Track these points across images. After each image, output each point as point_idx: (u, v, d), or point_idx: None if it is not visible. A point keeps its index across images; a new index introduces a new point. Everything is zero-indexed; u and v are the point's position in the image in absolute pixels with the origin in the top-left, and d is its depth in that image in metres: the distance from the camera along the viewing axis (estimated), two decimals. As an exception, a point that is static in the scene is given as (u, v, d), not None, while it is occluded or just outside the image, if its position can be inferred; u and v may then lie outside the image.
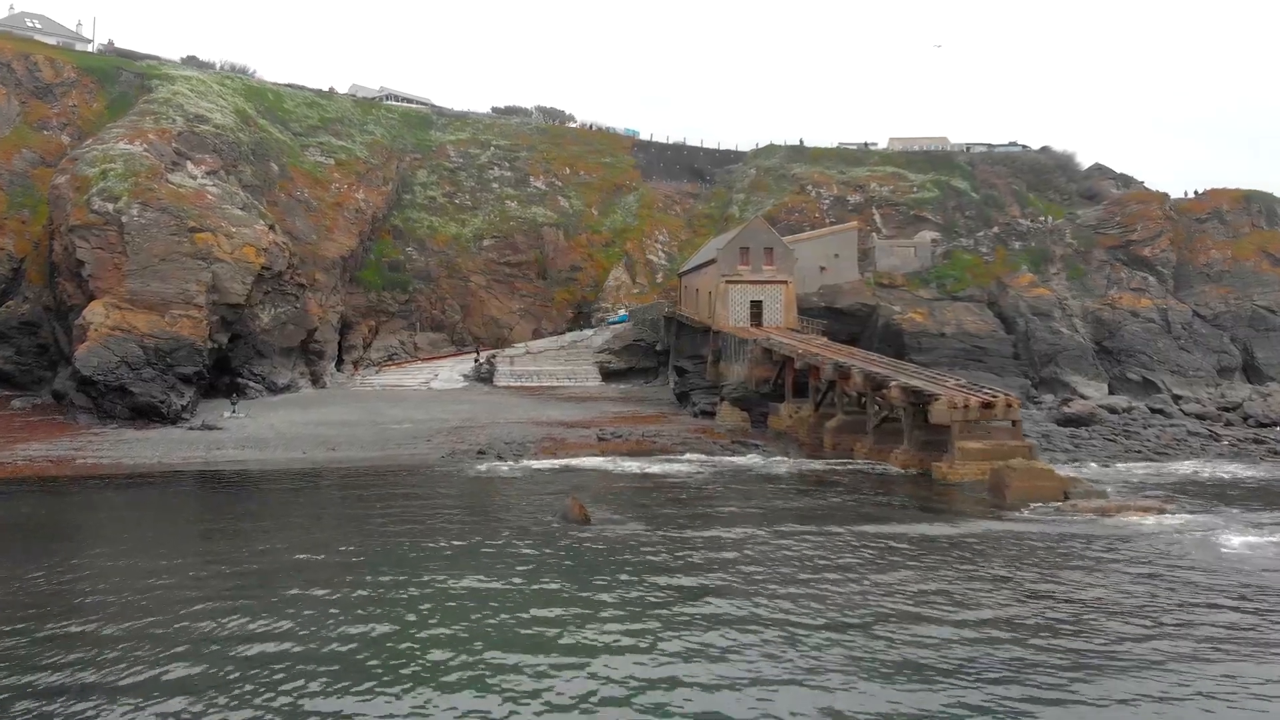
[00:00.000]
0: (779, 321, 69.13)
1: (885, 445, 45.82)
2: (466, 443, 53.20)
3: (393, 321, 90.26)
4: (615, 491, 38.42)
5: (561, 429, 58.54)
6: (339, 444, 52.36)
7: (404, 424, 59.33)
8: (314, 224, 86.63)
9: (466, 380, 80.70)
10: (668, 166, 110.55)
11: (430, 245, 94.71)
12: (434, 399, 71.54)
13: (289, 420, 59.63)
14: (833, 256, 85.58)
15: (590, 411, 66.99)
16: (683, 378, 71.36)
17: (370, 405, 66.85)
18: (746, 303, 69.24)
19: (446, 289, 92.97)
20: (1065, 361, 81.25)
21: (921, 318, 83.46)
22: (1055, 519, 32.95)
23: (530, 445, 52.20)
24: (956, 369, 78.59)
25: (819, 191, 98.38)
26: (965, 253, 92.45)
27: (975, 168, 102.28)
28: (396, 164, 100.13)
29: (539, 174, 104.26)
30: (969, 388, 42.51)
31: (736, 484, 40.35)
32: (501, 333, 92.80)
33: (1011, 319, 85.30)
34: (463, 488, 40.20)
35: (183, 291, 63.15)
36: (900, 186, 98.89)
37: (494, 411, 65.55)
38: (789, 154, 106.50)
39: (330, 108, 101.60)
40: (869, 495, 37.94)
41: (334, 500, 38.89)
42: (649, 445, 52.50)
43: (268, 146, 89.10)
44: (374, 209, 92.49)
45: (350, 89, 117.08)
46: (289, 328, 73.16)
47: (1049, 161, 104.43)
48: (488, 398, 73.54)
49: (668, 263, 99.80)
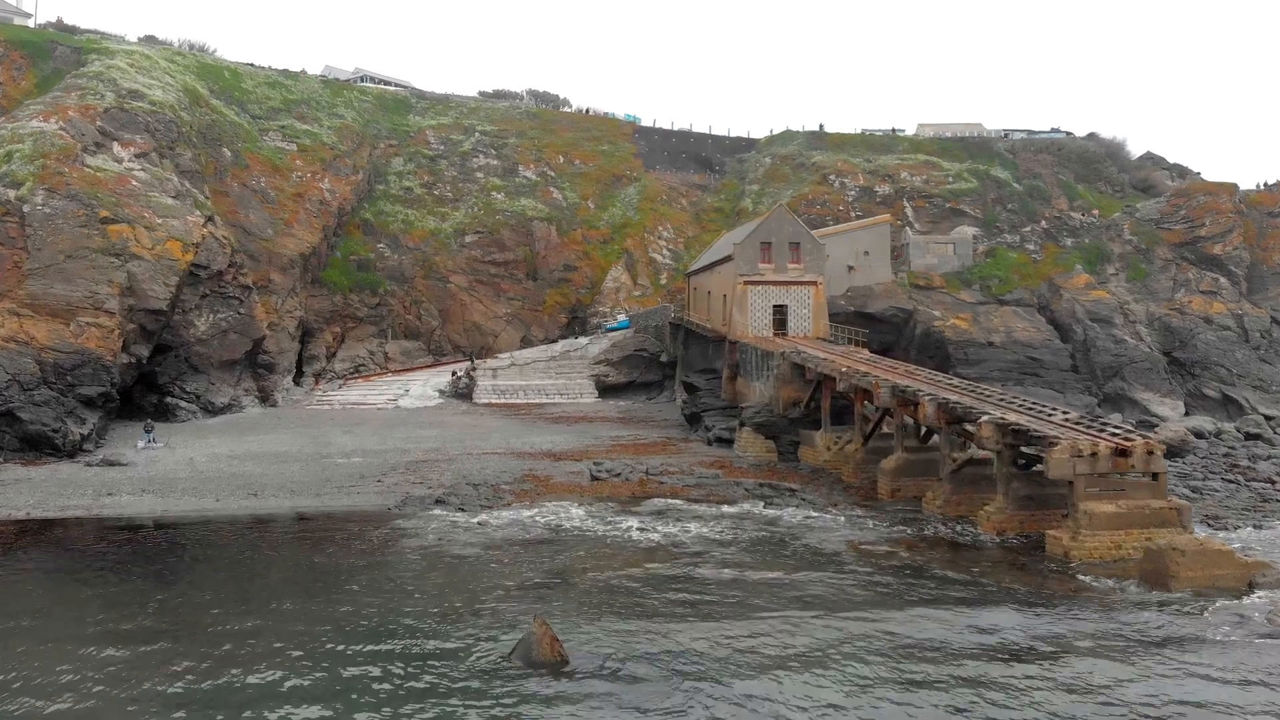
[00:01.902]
0: (807, 330, 58.34)
1: (967, 496, 35.05)
2: (426, 483, 42.38)
3: (361, 328, 79.45)
4: (607, 580, 27.50)
5: (547, 462, 47.73)
6: (265, 487, 41.52)
7: (354, 457, 48.48)
8: (271, 217, 75.96)
9: (442, 397, 69.87)
10: (672, 155, 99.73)
11: (405, 241, 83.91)
12: (400, 421, 60.67)
13: (214, 453, 48.81)
14: (862, 254, 74.93)
15: (583, 437, 56.19)
16: (693, 396, 60.55)
17: (321, 431, 56.02)
18: (769, 308, 58.44)
19: (423, 291, 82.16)
20: (1133, 375, 70.47)
21: (966, 324, 72.72)
22: (1271, 638, 22.13)
23: (505, 488, 41.37)
24: (1010, 384, 67.91)
25: (843, 182, 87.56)
26: (1010, 250, 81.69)
27: (1016, 156, 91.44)
28: (369, 151, 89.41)
29: (529, 163, 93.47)
30: (1088, 424, 31.64)
31: (779, 562, 29.47)
32: (485, 340, 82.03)
33: (1067, 326, 74.54)
34: (395, 567, 29.33)
35: (91, 295, 52.34)
36: (934, 176, 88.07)
37: (468, 438, 54.72)
38: (808, 140, 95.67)
39: (295, 88, 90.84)
40: (973, 585, 27.06)
41: (210, 582, 28.05)
42: (654, 487, 41.68)
43: (220, 130, 78.44)
44: (341, 200, 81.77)
45: (324, 70, 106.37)
46: (231, 337, 62.36)
47: (1098, 149, 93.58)
48: (464, 419, 62.67)
49: (673, 262, 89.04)
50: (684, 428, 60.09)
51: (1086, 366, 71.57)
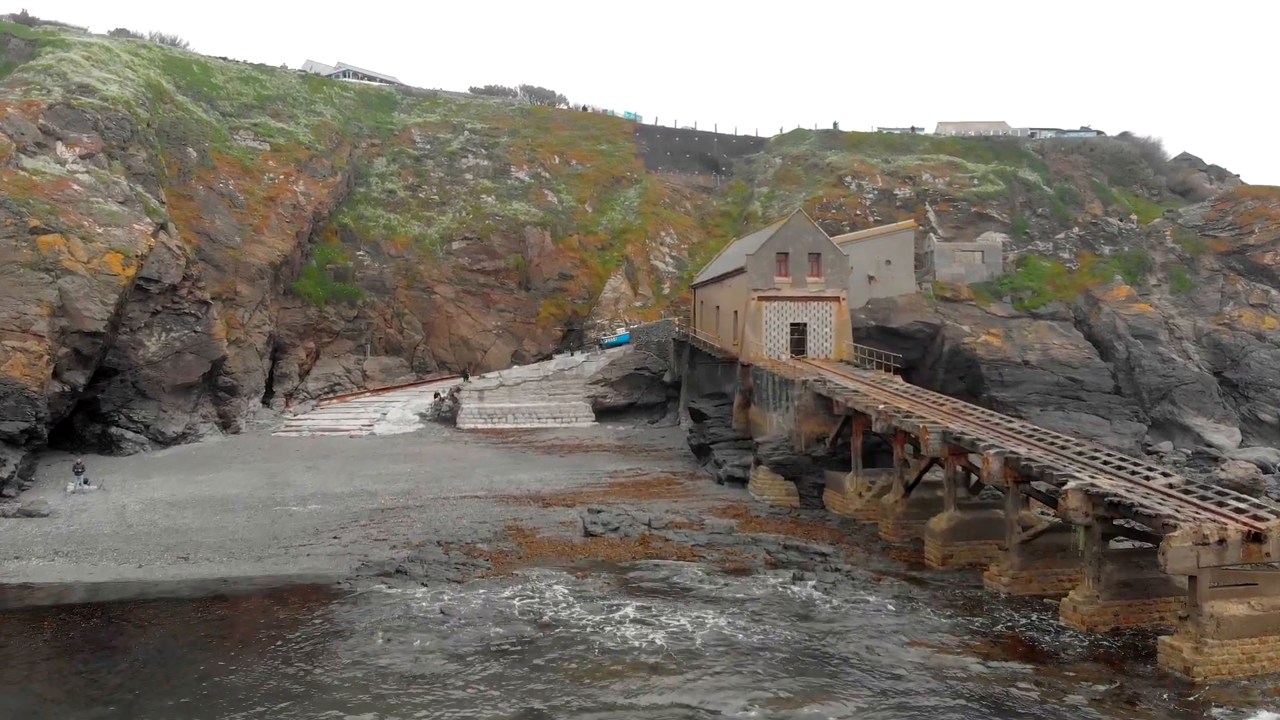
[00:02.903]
0: (829, 351, 52.03)
1: (1041, 572, 28.83)
2: (390, 540, 36.12)
3: (337, 343, 73.12)
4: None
5: (534, 509, 41.46)
6: (200, 547, 35.25)
7: (311, 504, 42.17)
8: (239, 223, 69.71)
9: (422, 421, 63.55)
10: (675, 155, 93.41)
11: (386, 249, 77.58)
12: (372, 453, 54.35)
13: (153, 498, 42.54)
14: (884, 264, 68.63)
15: (577, 473, 49.90)
16: (700, 424, 54.22)
17: (282, 467, 49.72)
18: (786, 326, 52.13)
19: (405, 303, 75.83)
20: (1183, 398, 64.20)
21: (998, 341, 66.44)
22: None
23: (481, 549, 35.07)
24: (1049, 409, 61.74)
25: (860, 184, 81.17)
26: (1043, 258, 75.30)
27: (1045, 156, 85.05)
28: (349, 151, 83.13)
29: (522, 163, 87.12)
30: (1201, 492, 25.23)
31: (822, 689, 23.06)
32: (473, 356, 75.70)
33: (1107, 342, 68.25)
34: (315, 696, 22.99)
35: (18, 315, 46.05)
36: (957, 178, 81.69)
37: (446, 476, 48.43)
38: (821, 140, 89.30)
39: (270, 84, 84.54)
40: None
41: (78, 701, 21.77)
42: (658, 546, 35.40)
43: (186, 128, 72.20)
44: (317, 204, 75.46)
45: (305, 65, 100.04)
46: (186, 358, 56.07)
47: (1132, 150, 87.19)
48: (445, 449, 56.35)
49: (676, 270, 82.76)
50: (690, 460, 53.83)
51: (1131, 388, 65.27)
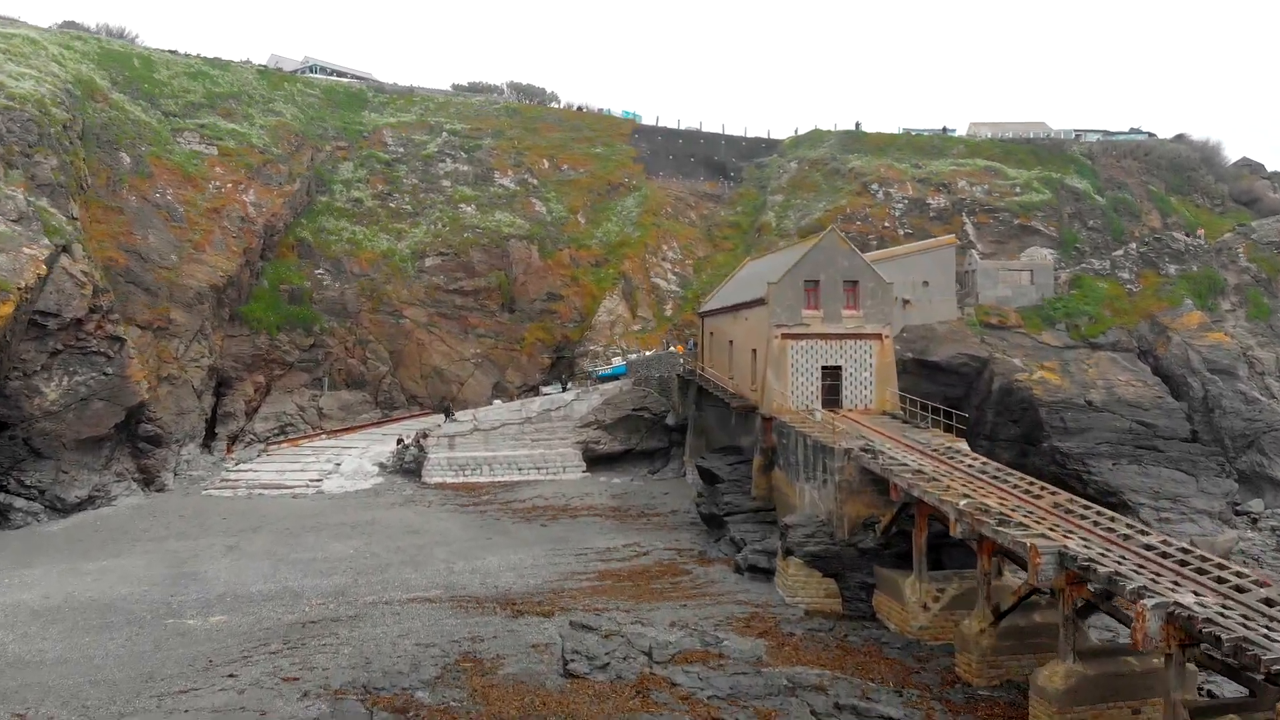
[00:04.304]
0: (869, 400, 42.71)
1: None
2: (304, 680, 26.74)
3: (291, 376, 63.77)
4: None
5: (499, 621, 32.16)
6: (47, 697, 25.90)
7: (215, 611, 32.86)
8: (176, 239, 60.47)
9: (381, 473, 54.27)
10: (679, 159, 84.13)
11: (350, 266, 68.27)
12: (312, 522, 44.97)
13: (17, 602, 33.44)
14: (920, 285, 59.45)
15: (561, 553, 40.59)
16: (712, 489, 44.89)
17: (196, 547, 40.41)
18: (816, 370, 42.80)
19: (370, 329, 66.50)
20: (1273, 446, 54.95)
21: (1055, 377, 57.15)
22: None
23: (419, 700, 25.70)
24: (1122, 461, 52.48)
25: (888, 192, 71.92)
26: (1099, 278, 65.96)
27: (1095, 161, 75.83)
28: (311, 155, 73.84)
29: (506, 168, 77.87)
30: None
31: None
32: (448, 388, 66.41)
33: (1178, 378, 59.00)
34: None
35: None
36: (997, 186, 72.51)
37: (397, 560, 39.12)
38: (842, 142, 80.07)
39: (223, 79, 75.25)
40: None
41: None
42: (663, 697, 26.07)
43: (119, 130, 62.95)
44: (270, 216, 66.18)
45: (269, 60, 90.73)
46: (94, 406, 46.83)
47: (1190, 154, 77.88)
48: (401, 515, 46.99)
49: (679, 288, 73.50)
50: (699, 529, 44.53)
51: (1210, 433, 56.00)
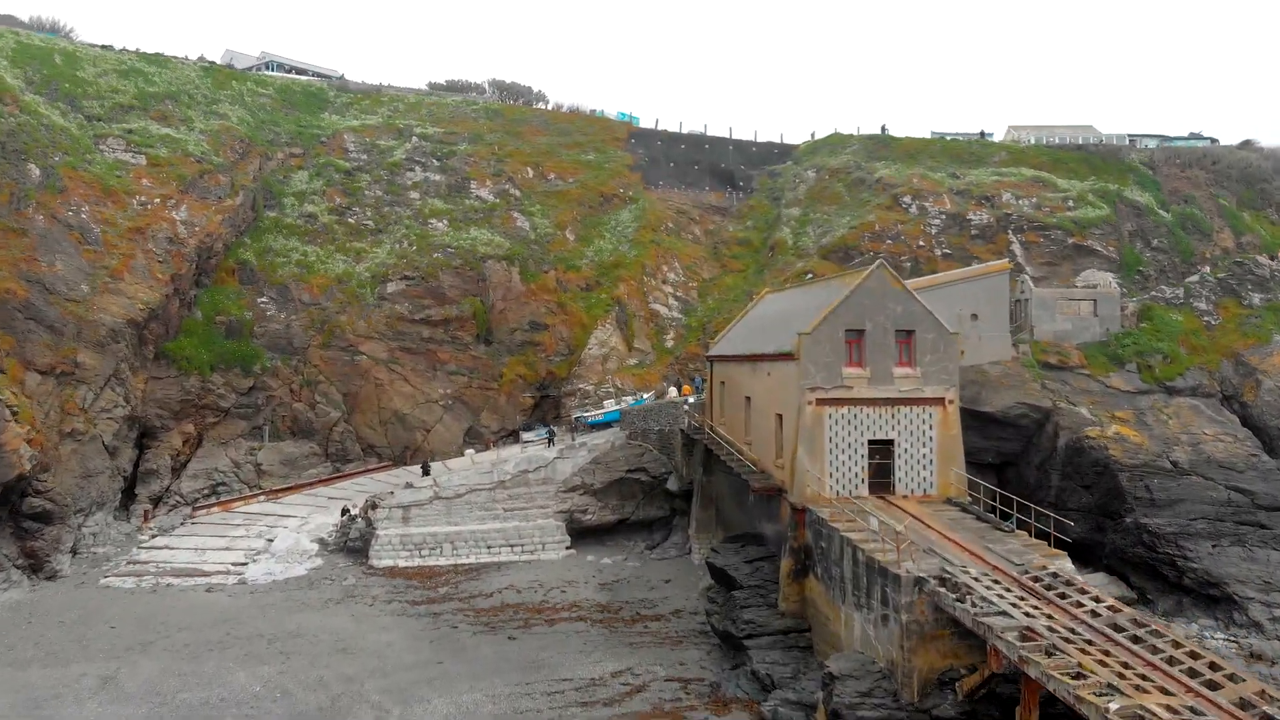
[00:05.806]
0: (929, 484, 33.27)
1: None
2: None
3: (226, 424, 54.24)
4: None
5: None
6: None
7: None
8: (89, 265, 51.14)
9: (321, 551, 44.73)
10: (681, 167, 74.62)
11: (298, 294, 58.76)
12: (220, 634, 35.33)
13: None
14: (968, 319, 49.88)
15: (530, 690, 31.11)
16: (728, 598, 35.25)
17: (58, 679, 30.91)
18: (861, 445, 33.35)
19: (320, 366, 56.98)
20: (1400, 516, 45.35)
21: (1134, 433, 47.57)
22: None
23: None
24: (1225, 542, 43.15)
25: (922, 206, 62.40)
26: (1170, 308, 56.51)
27: (1157, 171, 66.38)
28: (258, 163, 64.34)
29: (484, 177, 68.37)
30: None
31: None
32: (411, 436, 57.00)
33: (1272, 430, 49.54)
34: None
35: None
36: (1046, 199, 63.02)
37: (313, 702, 29.54)
38: (866, 148, 70.54)
39: (159, 78, 65.80)
40: None
41: None
42: None
43: (29, 137, 53.65)
44: (205, 235, 56.69)
45: (224, 56, 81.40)
46: (-49, 480, 37.27)
47: (1262, 163, 68.33)
48: (335, 620, 37.35)
49: (682, 315, 64.00)
50: (709, 644, 35.07)
51: (1319, 498, 46.50)
